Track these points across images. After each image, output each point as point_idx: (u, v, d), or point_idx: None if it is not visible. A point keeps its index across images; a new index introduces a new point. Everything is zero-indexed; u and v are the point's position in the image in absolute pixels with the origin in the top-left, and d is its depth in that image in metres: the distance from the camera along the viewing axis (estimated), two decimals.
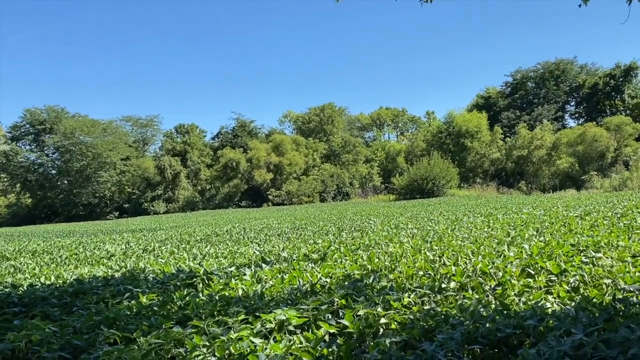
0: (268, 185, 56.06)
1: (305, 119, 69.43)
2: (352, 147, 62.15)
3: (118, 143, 61.29)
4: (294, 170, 56.95)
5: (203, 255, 9.04)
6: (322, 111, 67.62)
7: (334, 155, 63.16)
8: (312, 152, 61.20)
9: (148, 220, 39.60)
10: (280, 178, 57.26)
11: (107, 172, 59.40)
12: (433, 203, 29.64)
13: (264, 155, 56.92)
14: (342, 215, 21.14)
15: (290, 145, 59.28)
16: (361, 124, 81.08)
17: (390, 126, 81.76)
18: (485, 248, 6.45)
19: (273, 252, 8.30)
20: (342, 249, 7.54)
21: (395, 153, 61.70)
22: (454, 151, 53.53)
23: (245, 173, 57.69)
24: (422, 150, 56.64)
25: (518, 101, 63.05)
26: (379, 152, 63.66)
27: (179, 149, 62.85)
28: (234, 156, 57.54)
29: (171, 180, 59.23)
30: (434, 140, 56.64)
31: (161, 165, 58.64)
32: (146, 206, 57.25)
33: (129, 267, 7.49)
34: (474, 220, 12.17)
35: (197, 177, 63.26)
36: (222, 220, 26.52)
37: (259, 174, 55.38)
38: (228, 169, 57.82)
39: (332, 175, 56.56)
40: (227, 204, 56.02)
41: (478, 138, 53.29)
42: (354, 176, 57.62)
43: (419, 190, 45.21)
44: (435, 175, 44.98)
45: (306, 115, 70.09)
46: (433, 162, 46.42)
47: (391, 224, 13.28)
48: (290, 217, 23.61)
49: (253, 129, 70.65)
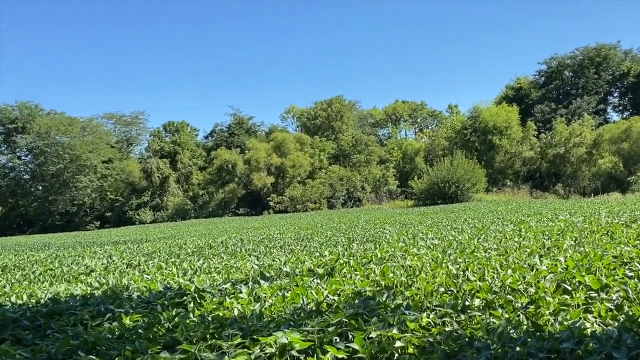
0: (269, 190, 56.16)
1: (310, 115, 69.57)
2: (364, 146, 62.19)
3: (99, 143, 61.69)
4: (298, 172, 57.08)
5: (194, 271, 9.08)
6: (329, 106, 67.81)
7: (343, 156, 63.22)
8: (319, 152, 61.35)
9: (133, 230, 39.73)
10: (283, 182, 57.35)
11: (87, 176, 59.83)
12: (457, 209, 29.56)
13: (264, 156, 57.06)
14: (353, 224, 21.14)
15: (294, 145, 59.40)
16: (374, 119, 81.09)
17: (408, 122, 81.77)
18: (516, 260, 6.43)
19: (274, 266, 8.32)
20: (352, 262, 7.54)
21: (414, 152, 61.69)
22: (480, 150, 53.43)
23: (242, 176, 57.82)
24: (443, 149, 56.54)
25: (553, 92, 62.82)
26: (395, 152, 63.72)
27: (167, 149, 63.21)
28: (230, 157, 57.78)
29: (159, 185, 59.55)
30: (458, 138, 56.51)
31: (148, 169, 58.95)
32: (131, 215, 57.45)
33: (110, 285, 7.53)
34: (503, 229, 12.14)
35: (189, 181, 63.51)
36: (216, 231, 26.58)
37: (259, 178, 55.51)
38: (223, 172, 58.09)
39: (342, 178, 56.59)
40: (222, 212, 56.10)
41: (508, 135, 53.12)
42: (366, 179, 57.63)
43: (441, 195, 45.14)
44: (459, 178, 44.90)
45: (311, 111, 70.20)
46: (456, 163, 46.37)
47: (408, 234, 13.26)
48: (293, 227, 23.64)
49: (252, 126, 70.81)
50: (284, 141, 58.81)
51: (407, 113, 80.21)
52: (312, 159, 59.90)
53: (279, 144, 58.80)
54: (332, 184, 55.76)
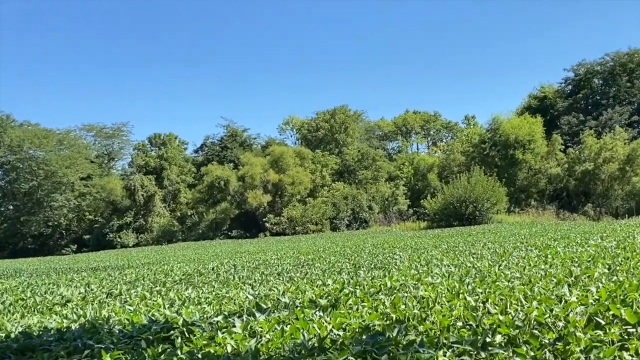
0: (265, 210, 56.12)
1: (311, 127, 69.89)
2: (371, 161, 62.24)
3: (77, 158, 62.02)
4: (298, 190, 57.11)
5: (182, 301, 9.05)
6: (332, 116, 68.11)
7: (348, 172, 63.28)
8: (321, 168, 61.45)
9: (114, 255, 39.61)
10: (281, 201, 57.32)
11: (63, 194, 59.98)
12: (475, 232, 29.50)
13: (259, 172, 57.18)
14: (359, 248, 21.11)
15: (293, 159, 59.48)
16: (382, 131, 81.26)
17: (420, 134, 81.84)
18: (542, 291, 6.41)
19: (271, 296, 8.30)
20: (359, 292, 7.52)
21: (426, 168, 61.57)
22: (500, 166, 53.43)
23: (236, 195, 57.86)
24: (460, 165, 56.51)
25: (582, 102, 62.97)
26: (406, 168, 63.70)
27: (153, 165, 63.45)
28: (222, 173, 57.93)
29: (143, 205, 59.58)
30: (476, 152, 56.55)
31: (131, 186, 59.01)
32: (111, 237, 57.32)
33: (89, 317, 7.51)
34: (527, 255, 12.10)
35: (176, 200, 63.62)
36: (206, 255, 26.55)
37: (254, 196, 55.50)
38: (215, 190, 58.16)
39: (346, 196, 56.53)
40: (213, 234, 56.01)
41: (531, 149, 53.14)
42: (373, 198, 57.55)
43: (457, 216, 45.02)
44: (478, 197, 44.82)
45: (313, 122, 70.51)
46: (474, 180, 46.34)
47: (421, 260, 13.23)
48: (293, 251, 23.62)
49: (246, 139, 71.04)
50: (282, 155, 58.84)
51: (419, 125, 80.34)
52: (313, 176, 59.95)
53: (277, 158, 58.83)
54: (335, 203, 55.65)
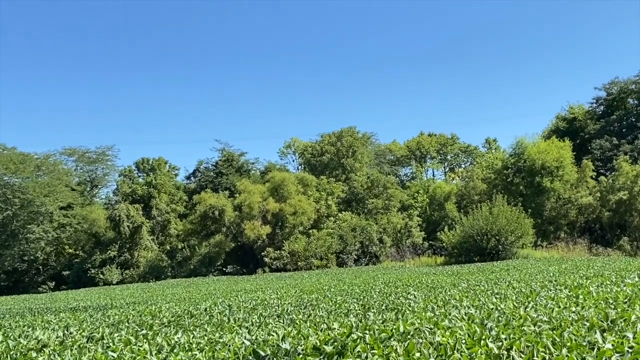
0: (264, 243, 56.18)
1: (316, 150, 70.38)
2: (381, 188, 62.50)
3: (56, 185, 62.09)
4: (301, 221, 57.24)
5: (171, 347, 9.01)
6: (339, 139, 68.58)
7: (356, 201, 63.47)
8: (326, 196, 61.68)
9: (96, 293, 39.47)
10: (282, 232, 57.39)
11: (41, 225, 59.91)
12: (498, 269, 29.34)
13: (258, 200, 57.39)
14: (369, 287, 21.01)
15: (295, 187, 59.72)
16: (394, 156, 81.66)
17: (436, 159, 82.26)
18: (572, 337, 6.37)
19: (270, 342, 8.26)
20: (368, 337, 7.48)
21: (443, 197, 61.85)
22: (526, 195, 53.60)
23: (232, 226, 58.01)
24: (480, 194, 56.89)
25: (615, 125, 63.12)
26: (420, 196, 64.00)
27: (140, 192, 63.62)
28: (217, 202, 58.09)
29: (129, 237, 59.64)
30: (498, 180, 56.81)
31: (115, 216, 59.07)
32: (93, 273, 57.23)
33: None
34: (557, 295, 12.02)
35: (165, 232, 63.77)
36: (198, 294, 26.42)
37: (252, 227, 55.64)
38: (208, 221, 58.28)
39: (355, 228, 56.59)
40: (206, 270, 55.90)
41: (560, 176, 53.23)
42: (384, 230, 57.62)
43: (478, 250, 45.02)
44: (501, 229, 44.79)
45: (317, 145, 71.01)
46: (497, 210, 46.37)
47: (438, 300, 13.15)
48: (295, 289, 23.51)
49: (244, 164, 71.33)
50: (283, 182, 59.13)
51: (435, 148, 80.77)
52: (317, 205, 60.14)
53: (277, 185, 59.12)
54: (342, 236, 55.66)
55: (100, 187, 73.24)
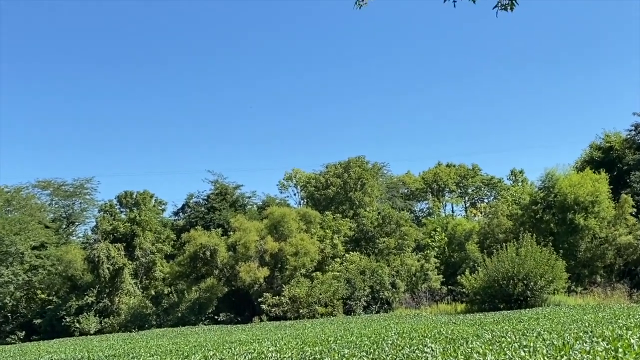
0: (261, 288, 55.68)
1: (320, 183, 70.56)
2: (394, 225, 62.27)
3: (29, 222, 61.98)
4: (303, 262, 56.79)
5: None
6: (346, 170, 68.79)
7: (365, 240, 63.29)
8: (332, 235, 61.49)
9: (71, 344, 39.18)
10: (281, 276, 57.06)
11: (10, 267, 59.36)
12: (526, 317, 29.09)
13: (254, 239, 57.01)
14: (380, 338, 20.81)
15: (297, 224, 59.50)
16: (408, 189, 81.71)
17: (455, 193, 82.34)
18: None
19: None
20: None
21: (464, 236, 61.62)
22: (557, 233, 53.26)
23: (225, 268, 57.70)
24: (506, 232, 56.39)
25: None
26: (438, 235, 63.70)
27: (122, 230, 63.09)
28: (208, 241, 57.69)
29: (109, 281, 58.91)
30: (526, 216, 56.53)
31: (94, 257, 58.27)
32: (68, 322, 56.53)
33: None
34: (593, 349, 11.81)
35: (150, 274, 63.47)
36: (187, 346, 26.28)
37: (247, 270, 55.14)
38: (198, 262, 57.88)
39: (364, 270, 56.22)
40: (195, 318, 55.35)
41: (595, 212, 52.99)
42: (398, 272, 57.21)
43: (503, 297, 44.56)
44: (529, 273, 44.32)
45: (322, 177, 71.27)
46: (525, 251, 45.90)
47: (459, 354, 12.93)
48: (296, 340, 23.34)
49: (239, 198, 71.47)
50: (283, 219, 58.81)
51: (454, 181, 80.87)
52: (322, 244, 59.83)
53: (277, 222, 58.80)
54: (349, 279, 55.17)
55: (77, 224, 73.22)
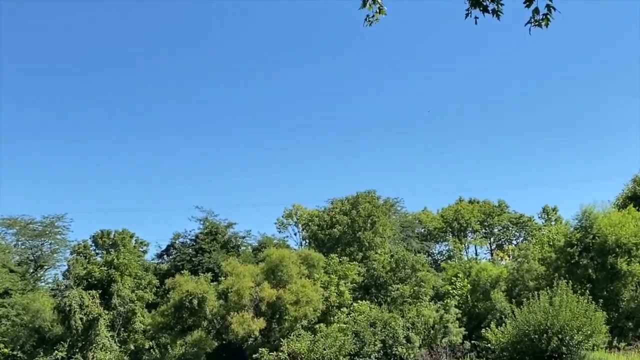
0: (257, 342, 55.47)
1: (324, 221, 70.61)
2: (409, 270, 62.20)
3: None
4: (305, 313, 56.38)
5: None
6: (354, 206, 68.80)
7: (376, 286, 63.19)
8: (338, 281, 61.24)
9: None
10: (279, 328, 56.86)
11: None
12: None
13: (249, 285, 56.74)
14: None
15: (298, 268, 59.42)
16: (425, 228, 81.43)
17: (479, 234, 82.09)
18: None
19: None
20: None
21: (490, 282, 61.58)
22: (596, 280, 53.16)
23: (215, 319, 57.46)
24: (537, 278, 56.54)
25: None
26: (460, 281, 63.71)
27: (98, 275, 62.93)
28: (196, 288, 57.44)
29: (82, 334, 58.40)
30: (560, 260, 56.45)
31: (65, 306, 57.61)
32: None
33: None
34: None
35: (129, 326, 63.06)
36: None
37: (241, 321, 54.50)
38: (184, 312, 57.45)
39: (374, 322, 56.12)
40: None
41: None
42: (413, 325, 57.01)
43: (535, 353, 44.34)
44: (564, 325, 44.15)
45: (326, 214, 71.43)
46: (559, 301, 45.71)
47: None
48: None
49: (231, 238, 71.55)
50: (281, 262, 58.56)
51: (478, 219, 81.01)
52: (326, 291, 59.57)
53: (274, 266, 58.61)
54: (358, 332, 54.98)
55: (46, 267, 73.18)
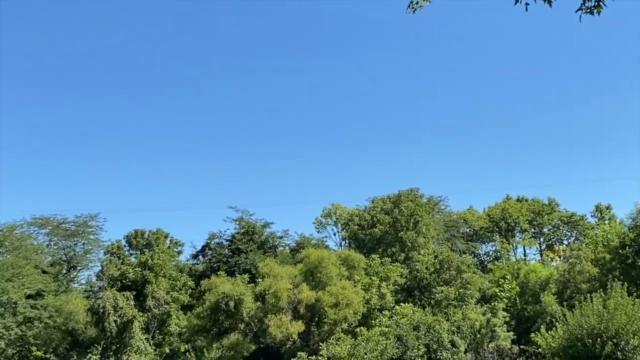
0: (295, 345, 55.66)
1: (365, 220, 70.65)
2: (454, 272, 62.26)
3: (23, 267, 62.43)
4: (344, 315, 56.70)
5: None
6: (396, 205, 68.79)
7: (419, 289, 63.14)
8: (379, 282, 61.37)
9: None
10: (318, 331, 57.15)
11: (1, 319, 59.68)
12: None
13: (287, 287, 57.13)
14: None
15: (337, 269, 59.72)
16: (471, 228, 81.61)
17: (527, 233, 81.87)
18: None
19: None
20: None
21: (539, 285, 61.56)
22: None
23: (252, 321, 57.80)
24: (590, 280, 56.31)
25: None
26: (508, 283, 63.71)
27: (132, 276, 63.79)
28: (233, 290, 57.94)
29: (116, 336, 59.41)
30: (615, 261, 56.02)
31: (99, 308, 58.82)
32: None
33: None
34: None
35: (164, 328, 63.77)
36: None
37: (278, 324, 55.12)
38: (220, 314, 58.06)
39: (418, 326, 55.39)
40: None
41: None
42: (459, 328, 56.72)
43: (588, 358, 43.42)
44: (619, 329, 43.33)
45: (366, 213, 71.47)
46: (614, 303, 45.00)
47: None
48: None
49: (268, 238, 71.53)
50: (320, 263, 59.06)
51: (526, 218, 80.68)
52: (367, 293, 59.74)
53: (313, 267, 59.11)
54: (400, 336, 54.23)
55: (79, 268, 73.81)
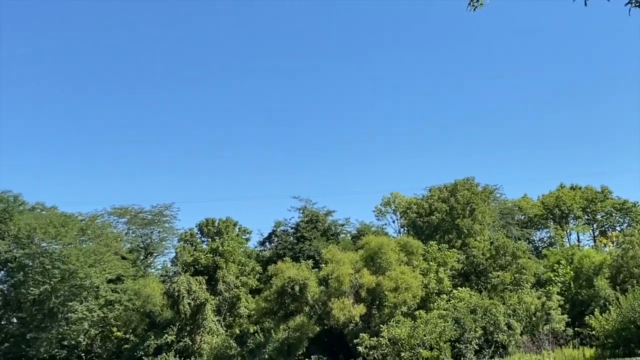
0: (357, 327, 55.82)
1: (422, 208, 70.73)
2: (509, 257, 61.96)
3: (104, 253, 62.69)
4: (404, 299, 56.70)
5: None
6: (452, 194, 68.95)
7: (476, 274, 63.04)
8: (437, 268, 61.23)
9: None
10: (379, 314, 57.11)
11: (85, 302, 60.13)
12: None
13: (349, 272, 57.15)
14: None
15: (397, 255, 59.58)
16: (526, 215, 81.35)
17: (581, 220, 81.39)
18: None
19: None
20: None
21: (593, 269, 60.80)
22: None
23: (316, 304, 58.12)
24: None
25: None
26: (562, 268, 63.10)
27: (204, 262, 63.91)
28: (298, 274, 57.96)
29: (190, 318, 59.80)
30: None
31: (174, 292, 58.90)
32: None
33: None
34: None
35: (234, 311, 64.23)
36: None
37: (341, 307, 55.16)
38: (287, 298, 58.07)
39: (475, 309, 56.08)
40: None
41: None
42: (514, 312, 56.80)
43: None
44: None
45: (424, 202, 71.47)
46: None
47: None
48: None
49: (331, 226, 72.47)
50: (380, 249, 58.97)
51: (580, 206, 79.82)
52: (425, 278, 59.62)
53: (373, 253, 59.00)
54: (458, 319, 54.85)
55: (155, 254, 74.86)
